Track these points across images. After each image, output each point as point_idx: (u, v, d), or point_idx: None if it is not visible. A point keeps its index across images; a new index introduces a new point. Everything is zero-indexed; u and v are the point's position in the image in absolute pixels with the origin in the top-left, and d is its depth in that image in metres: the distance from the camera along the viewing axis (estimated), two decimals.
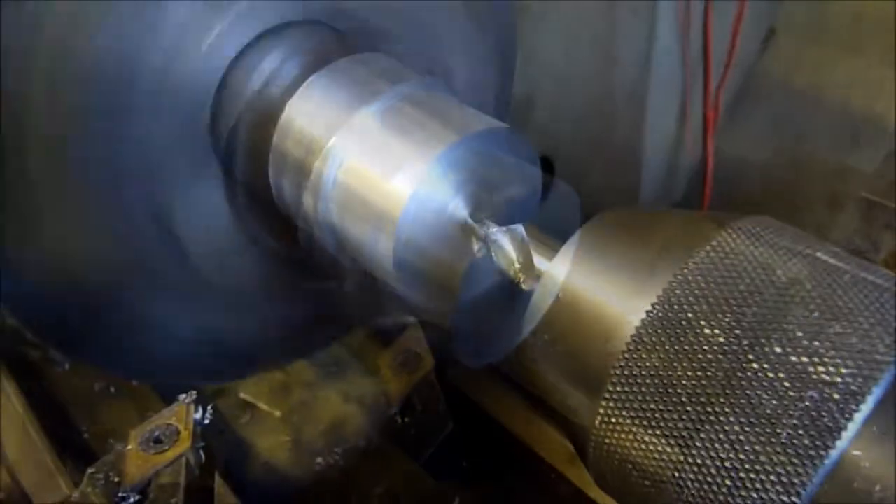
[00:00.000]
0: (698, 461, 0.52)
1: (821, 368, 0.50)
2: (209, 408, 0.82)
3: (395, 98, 0.81)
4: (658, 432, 0.54)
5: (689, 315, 0.54)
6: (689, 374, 0.53)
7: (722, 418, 0.51)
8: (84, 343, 0.97)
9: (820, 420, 0.49)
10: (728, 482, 0.51)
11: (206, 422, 0.84)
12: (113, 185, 0.85)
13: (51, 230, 0.86)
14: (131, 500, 0.76)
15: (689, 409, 0.53)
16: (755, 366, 0.51)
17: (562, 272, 0.63)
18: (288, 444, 1.23)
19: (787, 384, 0.50)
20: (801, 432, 0.49)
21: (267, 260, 1.02)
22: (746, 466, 0.50)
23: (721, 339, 0.53)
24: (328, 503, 1.14)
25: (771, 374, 0.51)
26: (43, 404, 1.15)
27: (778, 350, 0.51)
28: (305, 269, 1.05)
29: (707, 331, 0.54)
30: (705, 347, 0.53)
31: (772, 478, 0.49)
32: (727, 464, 0.51)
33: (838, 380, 0.49)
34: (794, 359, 0.51)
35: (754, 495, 0.50)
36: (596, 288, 0.60)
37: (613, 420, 0.56)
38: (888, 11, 1.37)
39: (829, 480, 0.48)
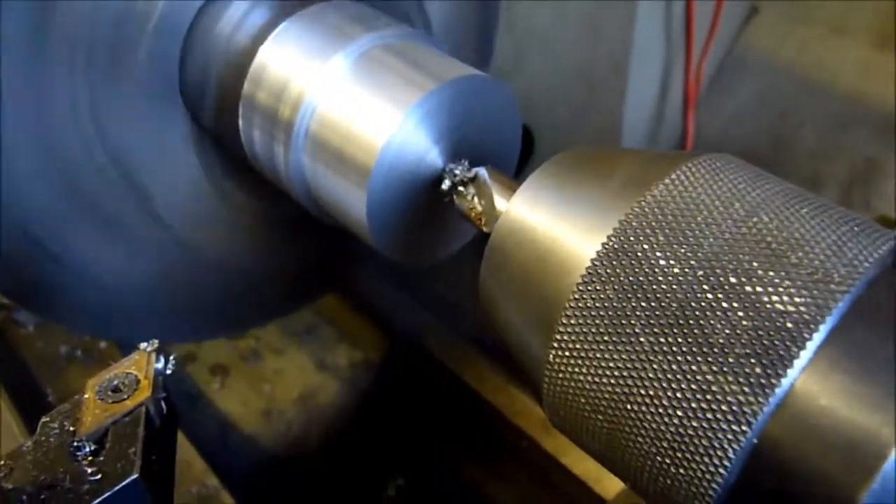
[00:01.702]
0: (650, 392, 0.51)
1: (775, 298, 0.49)
2: (171, 358, 0.80)
3: (369, 45, 0.79)
4: (611, 364, 0.53)
5: (645, 246, 0.53)
6: (643, 304, 0.52)
7: (675, 349, 0.50)
8: (46, 297, 0.96)
9: (772, 349, 0.48)
10: (679, 413, 0.50)
11: (169, 372, 0.82)
12: (71, 126, 0.84)
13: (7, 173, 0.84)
14: (87, 449, 0.74)
15: (641, 339, 0.52)
16: (709, 296, 0.50)
17: (520, 209, 0.62)
18: (258, 410, 1.22)
19: (740, 314, 0.49)
20: (752, 361, 0.48)
21: (236, 214, 1.01)
22: (698, 396, 0.49)
23: (676, 270, 0.52)
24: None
25: (725, 304, 0.50)
26: (7, 367, 1.13)
27: (733, 280, 0.50)
28: (276, 225, 1.03)
29: (662, 262, 0.53)
30: (660, 278, 0.52)
31: (723, 407, 0.48)
32: (679, 394, 0.50)
33: (792, 309, 0.48)
34: (748, 289, 0.50)
35: (705, 425, 0.49)
36: (553, 223, 0.59)
37: (567, 353, 0.55)
38: None
39: (780, 410, 0.47)
